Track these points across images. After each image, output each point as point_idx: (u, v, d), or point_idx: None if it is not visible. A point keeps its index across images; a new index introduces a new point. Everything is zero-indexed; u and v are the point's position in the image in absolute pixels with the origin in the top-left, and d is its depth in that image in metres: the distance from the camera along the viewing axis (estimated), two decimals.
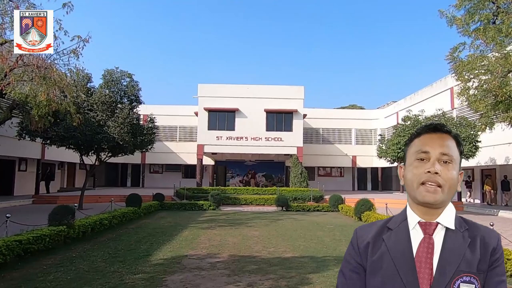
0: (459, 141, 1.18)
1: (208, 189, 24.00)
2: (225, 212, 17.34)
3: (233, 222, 13.49)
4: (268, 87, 26.95)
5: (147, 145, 18.59)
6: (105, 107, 17.02)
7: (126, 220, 12.52)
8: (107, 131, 16.03)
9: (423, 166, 1.13)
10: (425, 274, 1.06)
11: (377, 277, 1.11)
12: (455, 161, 1.14)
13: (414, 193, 1.13)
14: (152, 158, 33.22)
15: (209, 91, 26.47)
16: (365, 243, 1.18)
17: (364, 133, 34.03)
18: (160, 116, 33.18)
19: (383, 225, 1.20)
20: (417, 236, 1.13)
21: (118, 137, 16.02)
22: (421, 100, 26.16)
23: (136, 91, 18.33)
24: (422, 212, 1.14)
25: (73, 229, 8.62)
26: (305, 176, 25.29)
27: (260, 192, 24.22)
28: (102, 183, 36.29)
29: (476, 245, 1.09)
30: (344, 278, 1.19)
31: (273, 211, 18.13)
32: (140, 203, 14.23)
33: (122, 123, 16.48)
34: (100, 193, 24.79)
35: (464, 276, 1.04)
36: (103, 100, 16.98)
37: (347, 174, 35.66)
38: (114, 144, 16.21)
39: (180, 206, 17.75)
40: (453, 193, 1.13)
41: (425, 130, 1.19)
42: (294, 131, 26.25)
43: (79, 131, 15.23)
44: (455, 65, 12.62)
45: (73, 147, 16.86)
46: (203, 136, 26.09)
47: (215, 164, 32.26)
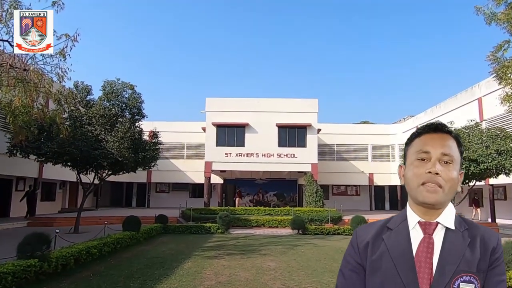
0: (460, 141, 1.18)
1: (217, 210, 22.32)
2: (235, 235, 15.57)
3: (245, 249, 11.72)
4: (279, 100, 25.45)
5: (150, 162, 17.06)
6: (104, 121, 15.66)
7: (121, 247, 10.84)
8: (105, 146, 14.58)
9: (424, 166, 1.13)
10: (425, 273, 1.06)
11: (377, 277, 1.11)
12: (455, 162, 1.14)
13: (414, 193, 1.13)
14: (158, 176, 31.74)
15: (218, 105, 25.06)
16: (364, 243, 1.18)
17: (381, 149, 32.13)
18: (166, 133, 31.98)
19: (383, 225, 1.20)
20: (417, 236, 1.13)
21: (117, 153, 14.54)
22: (444, 113, 24.41)
23: (138, 104, 16.97)
24: (422, 212, 1.14)
25: (49, 263, 6.97)
26: (320, 195, 23.46)
27: (272, 213, 22.44)
28: (107, 203, 34.82)
29: (476, 244, 1.09)
30: (343, 278, 1.19)
31: (288, 234, 16.30)
32: (138, 227, 12.57)
33: (122, 138, 15.06)
34: (102, 214, 23.23)
35: (464, 276, 1.04)
36: (102, 113, 15.64)
37: (363, 192, 33.61)
38: (112, 161, 14.72)
39: (185, 229, 16.03)
40: (453, 193, 1.13)
41: (426, 130, 1.19)
42: (308, 146, 24.55)
43: (74, 147, 13.83)
44: (497, 66, 11.04)
45: (69, 164, 15.46)
46: (211, 152, 24.53)
47: (224, 183, 30.60)
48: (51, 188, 24.97)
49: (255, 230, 17.79)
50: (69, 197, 28.37)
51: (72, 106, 15.95)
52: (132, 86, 16.98)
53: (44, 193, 23.86)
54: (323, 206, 23.22)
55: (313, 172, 24.18)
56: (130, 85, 16.99)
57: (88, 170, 15.98)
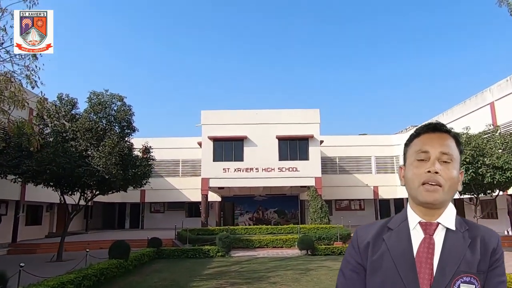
0: (459, 140, 1.18)
1: (215, 230, 20.72)
2: (237, 259, 13.98)
3: (250, 275, 10.16)
4: (279, 111, 24.15)
5: (141, 180, 15.56)
6: (90, 135, 14.23)
7: (105, 279, 9.22)
8: (90, 162, 13.11)
9: (423, 166, 1.13)
10: (426, 274, 1.06)
11: (377, 277, 1.11)
12: (455, 160, 1.14)
13: (414, 193, 1.13)
14: (153, 196, 30.08)
15: (214, 118, 23.70)
16: (365, 243, 1.17)
17: (385, 160, 30.82)
18: (160, 150, 30.54)
19: (384, 225, 1.20)
20: (417, 236, 1.13)
21: (103, 170, 13.05)
22: (451, 120, 23.25)
23: (128, 116, 15.60)
24: (422, 213, 1.14)
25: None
26: (326, 211, 22.00)
27: (275, 231, 20.86)
28: (98, 225, 32.99)
29: (477, 245, 1.09)
30: (344, 278, 1.19)
31: (296, 255, 14.74)
32: (127, 253, 10.97)
33: (109, 153, 13.60)
34: (91, 238, 21.52)
35: (464, 277, 1.04)
36: (87, 127, 14.22)
37: (368, 206, 32.11)
38: (99, 179, 13.22)
39: (181, 253, 14.40)
40: (453, 192, 1.13)
41: (425, 130, 1.19)
42: (311, 159, 23.17)
43: (55, 164, 12.34)
44: None
45: (51, 184, 13.95)
46: (208, 168, 23.02)
47: (222, 200, 29.01)
48: (37, 211, 23.25)
49: (258, 251, 16.20)
50: (57, 221, 26.50)
51: (56, 121, 14.58)
52: (121, 98, 15.64)
53: (29, 216, 22.16)
54: (329, 222, 21.71)
55: (316, 186, 22.75)
56: (119, 97, 15.66)
57: (73, 190, 14.47)
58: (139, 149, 16.56)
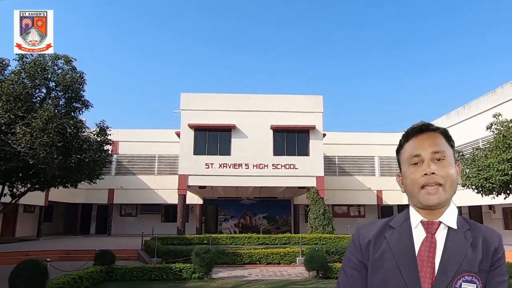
0: (448, 135, 1.17)
1: (193, 238, 16.69)
2: (220, 284, 9.90)
3: None
4: (275, 97, 20.26)
5: (91, 171, 11.40)
6: (19, 105, 10.06)
7: None
8: (8, 140, 8.92)
9: (419, 169, 1.12)
10: (427, 273, 1.05)
11: (379, 275, 1.10)
12: (448, 156, 1.13)
13: (417, 198, 1.11)
14: (123, 196, 25.81)
15: (196, 103, 19.63)
16: (366, 241, 1.16)
17: (389, 161, 27.21)
18: (133, 143, 26.35)
19: (385, 224, 1.19)
20: (419, 235, 1.11)
21: (26, 152, 8.87)
22: (462, 120, 20.35)
23: (77, 85, 11.49)
24: (425, 213, 1.12)
25: None
26: (329, 217, 18.20)
27: (267, 242, 16.93)
28: (60, 230, 28.41)
29: (478, 244, 1.08)
30: (345, 276, 1.17)
31: (301, 277, 10.77)
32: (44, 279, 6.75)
33: (42, 130, 9.45)
34: (39, 246, 17.13)
35: (466, 276, 1.03)
36: (14, 94, 10.06)
37: (369, 213, 28.45)
38: (19, 165, 9.03)
39: (141, 274, 10.20)
40: (455, 188, 1.12)
41: (413, 134, 1.17)
42: (312, 155, 19.35)
43: None
44: None
45: None
46: (186, 163, 18.90)
47: (204, 203, 24.90)
48: None
49: (249, 269, 12.19)
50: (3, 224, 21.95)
51: None
52: (68, 58, 11.53)
53: None
54: (333, 231, 17.90)
55: (318, 187, 18.95)
56: (66, 57, 11.54)
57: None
58: (94, 131, 12.44)
